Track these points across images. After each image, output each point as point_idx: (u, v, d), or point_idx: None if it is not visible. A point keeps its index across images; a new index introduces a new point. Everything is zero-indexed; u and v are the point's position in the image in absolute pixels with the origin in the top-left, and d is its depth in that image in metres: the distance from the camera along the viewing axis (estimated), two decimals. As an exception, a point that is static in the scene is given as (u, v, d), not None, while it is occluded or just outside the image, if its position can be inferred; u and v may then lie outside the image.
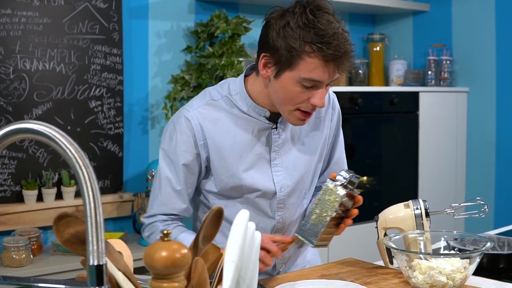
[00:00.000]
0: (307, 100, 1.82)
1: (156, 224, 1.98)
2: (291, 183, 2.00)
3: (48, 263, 3.24)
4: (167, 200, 1.96)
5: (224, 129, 1.93)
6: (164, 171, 1.96)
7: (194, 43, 3.96)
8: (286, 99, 1.83)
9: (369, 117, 4.15)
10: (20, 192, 3.44)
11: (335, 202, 1.77)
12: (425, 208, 1.98)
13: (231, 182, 1.95)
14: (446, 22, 4.55)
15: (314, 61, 1.74)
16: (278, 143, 1.97)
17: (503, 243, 2.15)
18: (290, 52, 1.75)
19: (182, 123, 1.92)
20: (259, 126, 1.94)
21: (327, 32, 1.72)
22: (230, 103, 1.94)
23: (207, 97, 1.96)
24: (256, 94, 1.92)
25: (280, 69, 1.80)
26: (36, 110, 3.45)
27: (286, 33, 1.75)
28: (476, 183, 4.46)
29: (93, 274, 0.91)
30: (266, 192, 1.97)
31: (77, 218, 1.06)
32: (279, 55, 1.77)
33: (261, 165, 1.96)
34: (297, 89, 1.80)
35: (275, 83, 1.83)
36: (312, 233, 1.80)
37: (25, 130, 0.93)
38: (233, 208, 1.95)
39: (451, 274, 1.71)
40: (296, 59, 1.75)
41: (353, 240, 3.93)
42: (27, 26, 3.40)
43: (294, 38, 1.73)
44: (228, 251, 1.03)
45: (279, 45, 1.76)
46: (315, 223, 1.79)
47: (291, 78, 1.79)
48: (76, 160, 0.91)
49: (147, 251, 0.98)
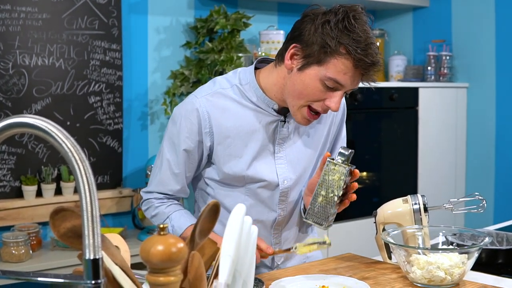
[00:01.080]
0: (322, 101, 1.85)
1: (151, 201, 2.07)
2: (294, 176, 2.01)
3: (47, 258, 3.25)
4: (165, 181, 2.02)
5: (232, 117, 1.95)
6: (166, 152, 2.01)
7: (194, 39, 3.96)
8: (302, 93, 1.85)
9: (369, 112, 4.15)
10: (19, 188, 3.44)
11: (340, 181, 1.80)
12: (424, 203, 1.98)
13: (234, 171, 1.97)
14: (446, 18, 4.55)
15: (345, 63, 1.79)
16: (283, 136, 1.99)
17: (502, 238, 2.15)
18: (324, 48, 1.79)
19: (189, 109, 1.95)
20: (267, 118, 1.96)
21: (363, 40, 1.77)
22: (239, 93, 1.97)
23: (216, 86, 1.98)
24: (269, 86, 1.94)
25: (307, 62, 1.82)
26: (36, 105, 3.45)
27: (324, 30, 1.78)
28: (476, 178, 4.47)
29: (89, 268, 0.91)
30: (269, 183, 1.99)
31: (73, 212, 1.06)
32: (311, 49, 1.81)
33: (265, 156, 1.98)
34: (317, 86, 1.83)
35: (297, 75, 1.85)
36: (322, 216, 1.83)
37: (21, 124, 0.93)
38: (235, 198, 1.99)
39: (449, 269, 1.71)
40: (328, 57, 1.79)
41: (352, 235, 3.94)
42: (26, 22, 3.40)
43: (331, 37, 1.77)
44: (224, 245, 1.03)
45: (315, 39, 1.80)
46: (322, 205, 1.81)
47: (316, 74, 1.82)
48: (72, 154, 0.91)
49: (143, 245, 0.98)
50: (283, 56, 1.88)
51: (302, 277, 1.79)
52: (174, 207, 2.05)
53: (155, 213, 2.05)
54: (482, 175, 4.42)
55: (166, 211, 2.04)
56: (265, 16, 4.27)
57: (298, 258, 2.15)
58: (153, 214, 2.06)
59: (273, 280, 1.75)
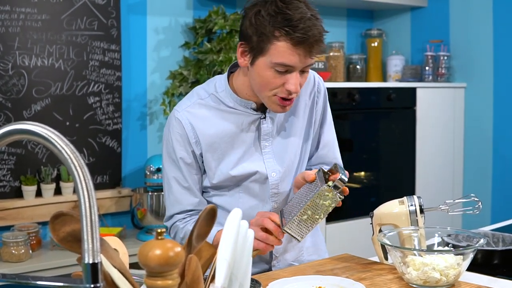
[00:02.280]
0: (282, 86, 1.87)
1: (176, 225, 2.06)
2: (282, 169, 2.05)
3: (47, 258, 3.27)
4: (180, 198, 2.04)
5: (214, 125, 1.99)
6: (169, 172, 2.04)
7: (192, 39, 3.98)
8: (262, 85, 1.88)
9: (367, 112, 4.17)
10: (19, 188, 3.47)
11: (329, 207, 1.81)
12: (420, 204, 1.99)
13: (224, 173, 2.01)
14: (443, 18, 4.56)
15: (283, 44, 1.80)
16: (267, 131, 2.03)
17: (498, 239, 2.17)
18: (260, 37, 1.81)
19: (174, 124, 2.00)
20: (248, 118, 2.01)
21: (294, 17, 1.78)
22: (217, 100, 2.01)
23: (194, 97, 2.04)
24: (240, 87, 1.99)
25: (254, 56, 1.86)
26: (35, 106, 3.47)
27: (257, 21, 1.81)
28: (473, 178, 4.48)
29: (88, 272, 0.93)
30: (259, 177, 2.03)
31: (72, 216, 1.08)
32: (252, 42, 1.84)
33: (252, 153, 2.03)
34: (270, 74, 1.85)
35: (252, 71, 1.89)
36: (301, 232, 1.84)
37: (21, 131, 0.95)
38: (229, 197, 2.05)
39: (444, 270, 1.72)
40: (267, 44, 1.81)
41: (350, 235, 3.96)
42: (26, 23, 3.42)
43: (264, 24, 1.80)
44: (221, 249, 1.05)
45: (252, 32, 1.83)
46: (306, 223, 1.82)
47: (264, 64, 1.84)
48: (72, 160, 0.93)
49: (141, 249, 1.00)
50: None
51: (299, 278, 1.81)
52: None
53: (183, 235, 2.03)
54: (480, 174, 4.43)
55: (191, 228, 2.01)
56: (263, 16, 4.28)
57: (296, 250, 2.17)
58: (182, 236, 2.04)
59: (270, 281, 1.77)
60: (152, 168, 3.64)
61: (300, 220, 1.81)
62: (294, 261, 2.14)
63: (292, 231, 1.83)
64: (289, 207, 1.88)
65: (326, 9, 4.59)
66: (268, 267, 2.11)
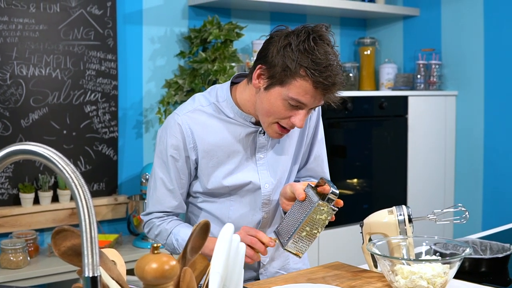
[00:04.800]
0: (288, 118, 1.94)
1: (152, 221, 2.14)
2: (275, 181, 2.12)
3: (44, 265, 3.31)
4: (162, 199, 2.10)
5: (212, 132, 2.05)
6: (158, 172, 2.10)
7: (188, 49, 4.03)
8: (269, 112, 1.94)
9: (359, 121, 4.22)
10: (17, 195, 3.51)
11: (326, 220, 1.87)
12: (408, 214, 2.04)
13: (217, 182, 2.07)
14: (435, 27, 4.61)
15: (304, 84, 1.86)
16: (262, 145, 2.09)
17: (486, 247, 2.21)
18: (285, 71, 1.86)
19: (173, 127, 2.05)
20: (245, 130, 2.07)
21: (322, 62, 1.84)
22: (217, 110, 2.07)
23: (196, 103, 2.09)
24: (244, 102, 2.04)
25: (272, 83, 1.91)
26: (33, 115, 3.52)
27: (285, 53, 1.86)
28: (464, 186, 4.52)
29: (89, 285, 0.98)
30: (251, 187, 2.10)
31: (73, 232, 1.13)
32: (274, 71, 1.89)
33: (247, 164, 2.09)
34: (281, 105, 1.91)
35: (264, 95, 1.94)
36: (300, 248, 1.89)
37: (24, 151, 1.01)
38: (220, 204, 2.12)
39: (431, 279, 1.77)
40: (289, 78, 1.87)
41: (343, 241, 4.01)
42: (24, 33, 3.47)
43: (292, 59, 1.85)
44: (213, 263, 1.10)
45: (277, 62, 1.88)
46: (305, 239, 1.88)
47: (279, 94, 1.90)
48: (72, 180, 0.98)
49: (138, 263, 1.05)
50: (252, 75, 1.96)
51: (291, 286, 1.86)
52: (175, 222, 2.12)
53: (158, 231, 2.11)
54: (471, 182, 4.48)
55: (168, 227, 2.10)
56: (257, 25, 4.34)
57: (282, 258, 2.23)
58: (156, 233, 2.12)
59: (263, 290, 1.82)
60: (148, 175, 3.69)
61: (300, 237, 1.88)
62: (280, 269, 2.22)
63: (293, 249, 1.89)
64: (285, 226, 1.93)
65: (319, 18, 4.65)
66: (256, 275, 2.18)
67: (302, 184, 1.95)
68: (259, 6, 4.23)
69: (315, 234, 1.88)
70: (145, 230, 2.18)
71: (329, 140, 2.30)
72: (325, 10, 4.42)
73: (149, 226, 2.15)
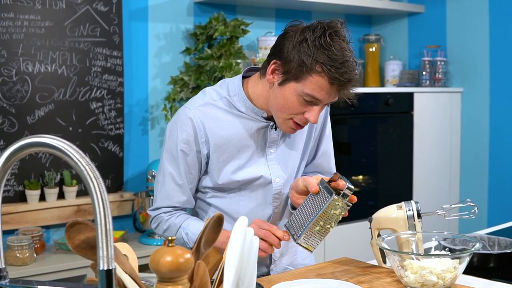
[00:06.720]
0: (302, 114, 1.92)
1: (160, 216, 2.11)
2: (286, 175, 2.11)
3: (50, 262, 3.31)
4: (170, 194, 2.08)
5: (224, 126, 2.03)
6: (167, 166, 2.08)
7: (193, 45, 4.03)
8: (284, 108, 1.92)
9: (365, 117, 4.21)
10: (23, 192, 3.51)
11: (340, 215, 1.86)
12: (417, 209, 2.04)
13: (228, 176, 2.06)
14: (440, 24, 4.61)
15: (320, 80, 1.84)
16: (273, 139, 2.08)
17: (494, 242, 2.21)
18: (301, 66, 1.85)
19: (184, 121, 2.02)
20: (257, 124, 2.05)
21: (338, 58, 1.83)
22: (228, 104, 2.05)
23: (207, 97, 2.06)
24: (256, 97, 2.02)
25: (286, 78, 1.89)
26: (39, 111, 3.52)
27: (301, 48, 1.85)
28: (470, 182, 4.52)
29: (103, 278, 0.97)
30: (262, 182, 2.08)
31: (87, 225, 1.13)
32: (289, 66, 1.87)
33: (258, 159, 2.07)
34: (296, 101, 1.90)
35: (278, 90, 1.92)
36: (314, 243, 1.89)
37: (39, 144, 1.00)
38: (229, 199, 2.10)
39: (441, 274, 1.77)
40: (305, 74, 1.85)
41: (349, 237, 4.01)
42: (29, 30, 3.47)
43: (308, 55, 1.83)
44: (228, 256, 1.10)
45: (292, 57, 1.86)
46: (318, 234, 1.87)
47: (294, 90, 1.89)
48: (87, 172, 0.97)
49: (153, 256, 1.05)
50: (266, 70, 1.95)
51: (301, 281, 1.86)
52: (183, 216, 2.10)
53: (166, 226, 2.09)
54: (476, 178, 4.48)
55: (176, 222, 2.08)
56: (263, 22, 4.34)
57: (290, 254, 2.22)
58: (165, 228, 2.09)
59: (272, 284, 1.81)
60: (154, 172, 3.69)
61: (313, 231, 1.87)
62: (289, 265, 2.21)
63: (305, 243, 1.88)
64: (297, 220, 1.91)
65: (324, 15, 4.64)
66: (267, 271, 2.17)
67: (315, 177, 1.95)
68: (265, 2, 4.23)
69: (328, 229, 1.87)
70: (153, 225, 2.15)
71: (335, 137, 2.30)
72: (330, 6, 4.42)
73: (157, 221, 2.13)
